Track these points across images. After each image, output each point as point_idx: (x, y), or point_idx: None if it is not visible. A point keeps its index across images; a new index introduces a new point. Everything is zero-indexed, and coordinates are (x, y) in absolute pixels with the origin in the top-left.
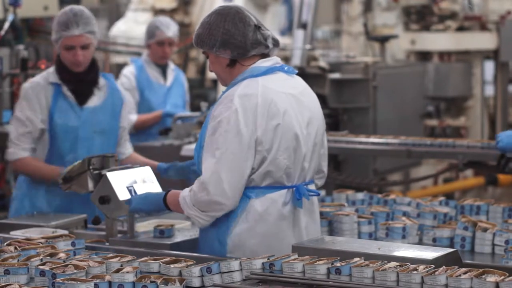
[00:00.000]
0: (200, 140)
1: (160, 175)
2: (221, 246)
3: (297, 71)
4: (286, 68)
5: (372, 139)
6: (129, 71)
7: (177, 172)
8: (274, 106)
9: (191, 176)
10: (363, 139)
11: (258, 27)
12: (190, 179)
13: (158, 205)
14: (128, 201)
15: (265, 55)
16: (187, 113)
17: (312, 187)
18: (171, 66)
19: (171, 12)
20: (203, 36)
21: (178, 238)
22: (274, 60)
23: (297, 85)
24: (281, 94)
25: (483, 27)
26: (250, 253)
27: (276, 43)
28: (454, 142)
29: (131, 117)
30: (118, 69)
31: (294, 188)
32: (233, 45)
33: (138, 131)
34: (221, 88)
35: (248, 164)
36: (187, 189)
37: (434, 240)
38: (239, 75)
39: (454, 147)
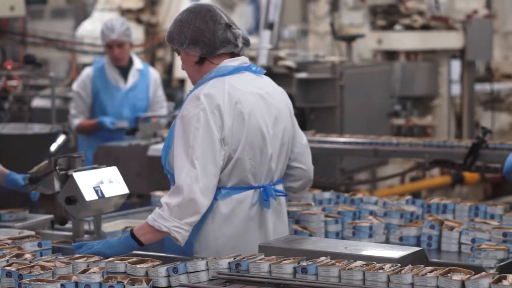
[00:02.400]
0: (168, 140)
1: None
2: (187, 247)
3: (265, 71)
4: (254, 68)
5: (339, 139)
6: (86, 74)
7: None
8: (240, 106)
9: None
10: (330, 138)
11: (229, 26)
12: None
13: (127, 246)
14: (84, 245)
15: (235, 54)
16: (153, 113)
17: (280, 187)
18: (137, 67)
19: (138, 12)
20: (174, 33)
21: None
22: (241, 59)
23: (265, 85)
24: (248, 94)
25: (450, 26)
26: (217, 254)
27: (246, 42)
28: (421, 141)
29: (75, 120)
30: (84, 69)
31: (261, 189)
32: (203, 42)
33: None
34: (188, 88)
35: (219, 163)
36: (154, 211)
37: (401, 239)
38: (206, 74)
39: (420, 146)
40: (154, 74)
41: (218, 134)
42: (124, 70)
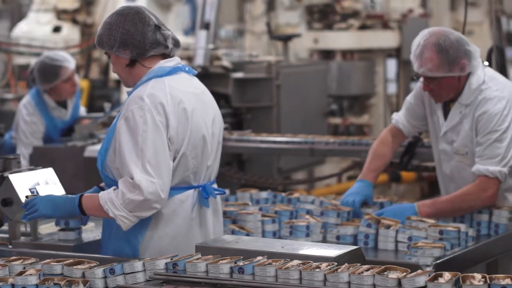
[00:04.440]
0: (106, 143)
1: None
2: (131, 247)
3: (196, 72)
4: (187, 69)
5: (276, 138)
6: (31, 121)
7: None
8: (183, 105)
9: None
10: (266, 138)
11: (158, 27)
12: None
13: (71, 211)
14: (31, 206)
15: (166, 55)
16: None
17: (215, 186)
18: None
19: (73, 13)
20: (103, 36)
21: (82, 239)
22: (176, 60)
23: (198, 85)
24: (188, 94)
25: (385, 25)
26: (160, 255)
27: (176, 43)
28: (357, 140)
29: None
30: (20, 70)
31: (201, 188)
32: (132, 45)
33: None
34: (125, 88)
35: (171, 162)
36: (109, 190)
37: (338, 238)
38: (144, 76)
39: (357, 145)
40: (78, 81)
41: (165, 133)
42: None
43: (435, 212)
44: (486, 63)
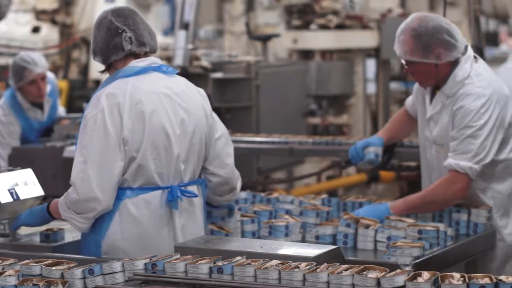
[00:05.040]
0: (77, 142)
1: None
2: (96, 248)
3: (177, 71)
4: (165, 68)
5: (255, 138)
6: (8, 121)
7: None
8: (141, 106)
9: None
10: (246, 138)
11: (121, 31)
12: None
13: (43, 217)
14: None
15: (138, 56)
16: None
17: (193, 188)
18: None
19: (52, 13)
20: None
21: (61, 240)
22: (150, 60)
23: (175, 85)
24: (152, 94)
25: (364, 25)
26: (124, 255)
27: (141, 44)
28: (336, 140)
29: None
30: None
31: (168, 189)
32: (99, 52)
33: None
34: None
35: (118, 163)
36: (65, 194)
37: (317, 237)
38: (112, 75)
39: (336, 145)
40: (56, 81)
41: (115, 135)
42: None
43: (408, 208)
44: (479, 58)
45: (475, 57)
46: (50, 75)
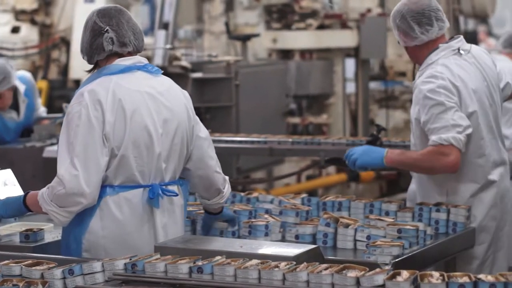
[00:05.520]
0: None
1: None
2: (77, 244)
3: (162, 71)
4: (150, 68)
5: (235, 138)
6: None
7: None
8: (123, 103)
9: None
10: (226, 137)
11: (104, 31)
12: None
13: (18, 209)
14: None
15: (121, 56)
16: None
17: (174, 188)
18: (21, 91)
19: (32, 13)
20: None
21: (41, 240)
22: (135, 59)
23: (159, 85)
24: (135, 92)
25: (344, 25)
26: (104, 252)
27: (122, 44)
28: (316, 140)
29: None
30: None
31: (150, 188)
32: (84, 52)
33: None
34: None
35: (103, 158)
36: (47, 187)
37: (297, 237)
38: (95, 73)
39: (316, 145)
40: (32, 81)
41: (99, 130)
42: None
43: (399, 163)
44: (462, 52)
45: (460, 50)
46: (26, 74)
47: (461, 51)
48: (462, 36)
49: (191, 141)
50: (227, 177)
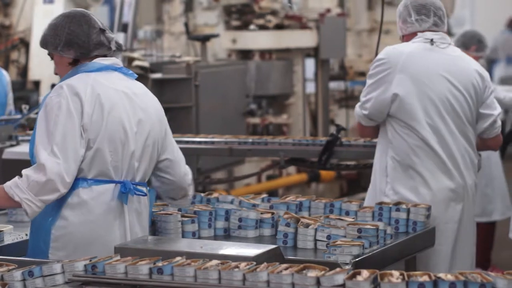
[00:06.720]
0: (33, 136)
1: None
2: (46, 235)
3: (137, 76)
4: (125, 71)
5: (195, 138)
6: None
7: None
8: (101, 98)
9: None
10: (186, 138)
11: (103, 30)
12: None
13: None
14: None
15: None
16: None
17: (143, 189)
18: None
19: None
20: (48, 36)
21: (0, 242)
22: (113, 60)
23: (134, 87)
24: (112, 89)
25: (303, 25)
26: (74, 245)
27: (119, 47)
28: (276, 140)
29: None
30: None
31: (121, 184)
32: (77, 45)
33: None
34: (44, 91)
35: (81, 149)
36: (14, 178)
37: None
38: (74, 69)
39: (276, 145)
40: (7, 77)
41: (78, 120)
42: None
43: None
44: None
45: (432, 41)
46: (4, 73)
47: (434, 42)
48: (446, 35)
49: (161, 147)
50: (191, 179)
